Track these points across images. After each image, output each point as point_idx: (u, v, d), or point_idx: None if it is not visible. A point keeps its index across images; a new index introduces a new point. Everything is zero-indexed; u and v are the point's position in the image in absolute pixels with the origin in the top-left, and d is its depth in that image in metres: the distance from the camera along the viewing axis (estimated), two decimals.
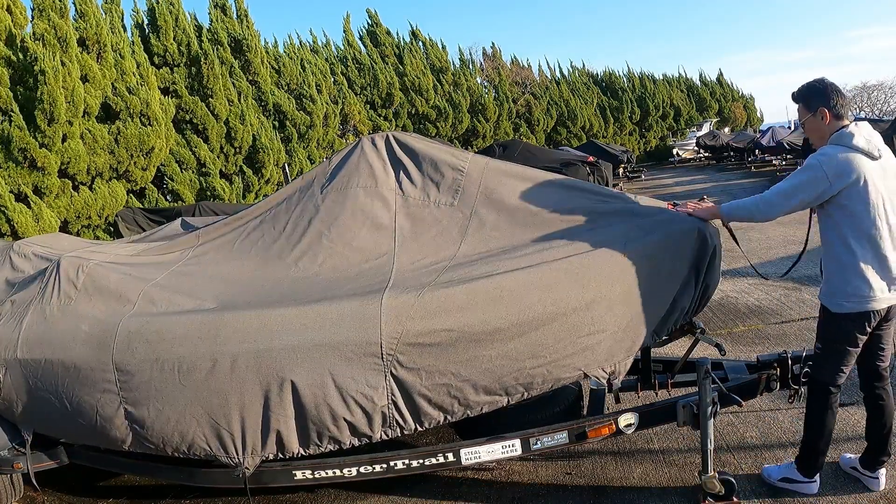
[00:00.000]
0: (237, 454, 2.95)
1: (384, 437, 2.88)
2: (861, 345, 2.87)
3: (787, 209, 2.81)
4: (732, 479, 3.07)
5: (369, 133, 7.31)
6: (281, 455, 2.95)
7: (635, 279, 2.85)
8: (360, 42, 22.08)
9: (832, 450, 3.39)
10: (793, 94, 2.99)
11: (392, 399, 2.82)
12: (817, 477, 3.07)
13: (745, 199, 2.95)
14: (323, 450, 2.94)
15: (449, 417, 2.87)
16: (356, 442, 2.92)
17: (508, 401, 2.86)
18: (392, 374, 2.79)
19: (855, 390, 3.22)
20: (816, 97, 2.86)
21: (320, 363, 2.81)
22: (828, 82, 2.89)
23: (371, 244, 3.23)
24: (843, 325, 2.82)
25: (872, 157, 2.73)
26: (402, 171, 3.50)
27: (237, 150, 12.82)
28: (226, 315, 2.93)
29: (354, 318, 2.79)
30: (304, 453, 2.95)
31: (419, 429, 2.88)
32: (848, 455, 3.25)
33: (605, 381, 2.89)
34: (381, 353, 2.77)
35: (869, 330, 2.83)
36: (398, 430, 2.87)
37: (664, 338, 3.25)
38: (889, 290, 2.77)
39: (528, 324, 2.75)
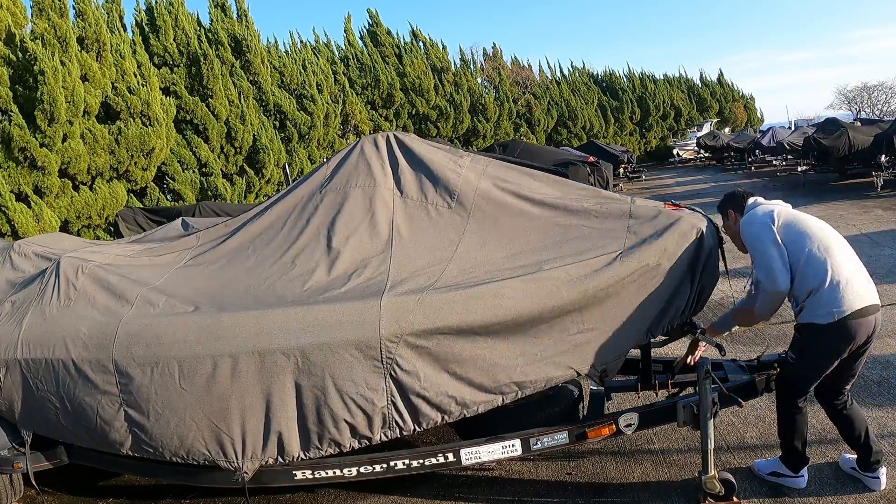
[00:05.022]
0: (237, 459, 2.95)
1: (384, 438, 2.90)
2: (841, 356, 2.87)
3: (783, 272, 2.87)
4: (732, 479, 3.07)
5: (370, 133, 7.31)
6: (281, 459, 2.95)
7: (631, 283, 2.87)
8: (360, 42, 22.09)
9: (832, 449, 3.40)
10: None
11: (392, 400, 2.84)
12: (804, 471, 3.13)
13: (757, 308, 3.06)
14: (323, 453, 2.95)
15: (447, 418, 2.88)
16: (356, 444, 2.93)
17: (503, 399, 2.89)
18: (391, 375, 2.80)
19: (855, 391, 3.20)
20: (725, 204, 3.30)
21: (320, 366, 2.82)
22: (737, 191, 3.32)
23: (368, 243, 3.24)
24: (831, 337, 2.82)
25: (774, 202, 3.12)
26: (400, 172, 3.50)
27: (237, 150, 12.82)
28: (224, 317, 2.93)
29: (354, 320, 2.80)
30: (304, 457, 2.95)
31: (418, 429, 2.89)
32: (847, 455, 3.25)
33: (597, 379, 2.92)
34: (381, 356, 2.78)
35: (855, 338, 2.82)
36: (397, 430, 2.88)
37: (662, 337, 3.25)
38: (863, 288, 2.83)
39: (525, 327, 2.81)
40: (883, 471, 3.06)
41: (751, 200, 3.18)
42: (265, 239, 3.46)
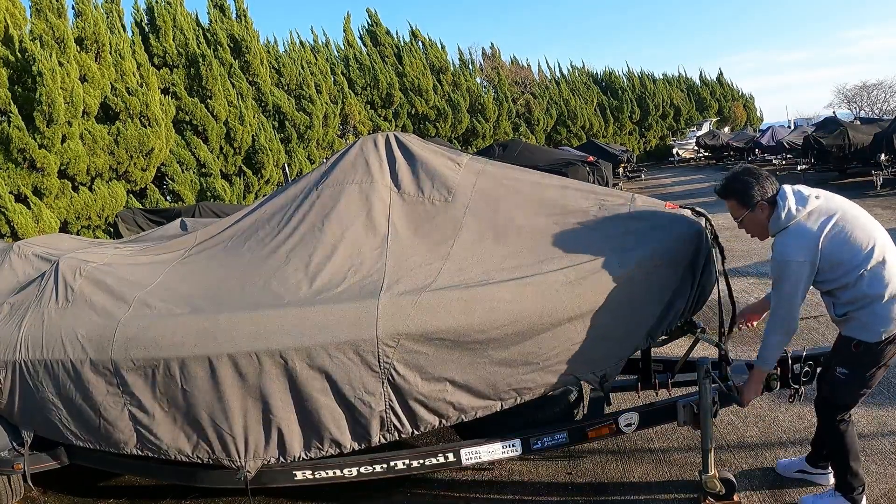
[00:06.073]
0: (239, 457, 2.96)
1: (382, 440, 2.90)
2: (890, 363, 2.74)
3: (796, 312, 2.68)
4: (733, 479, 3.07)
5: (369, 133, 7.31)
6: (283, 459, 2.95)
7: (630, 286, 2.85)
8: (360, 42, 22.09)
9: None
10: (724, 192, 2.88)
11: (390, 404, 2.84)
12: (863, 492, 2.89)
13: (768, 344, 2.79)
14: (324, 453, 2.95)
15: (444, 422, 2.89)
16: (356, 446, 2.93)
17: (502, 405, 2.88)
18: (389, 380, 2.80)
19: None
20: (753, 191, 2.77)
21: (319, 369, 2.82)
22: (755, 172, 2.82)
23: (364, 239, 3.22)
24: (881, 350, 2.69)
25: (814, 206, 2.69)
26: (398, 169, 3.48)
27: (237, 150, 12.81)
28: (221, 319, 2.92)
29: (351, 322, 2.79)
30: (305, 456, 2.96)
31: (416, 433, 2.90)
32: (787, 460, 3.25)
33: (597, 385, 2.90)
34: (378, 360, 2.77)
35: None
36: (396, 434, 2.88)
37: (662, 338, 3.25)
38: None
39: (523, 333, 2.77)
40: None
41: (785, 203, 2.70)
42: (262, 235, 3.44)
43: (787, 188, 2.78)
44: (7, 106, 8.32)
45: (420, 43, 23.92)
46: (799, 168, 16.83)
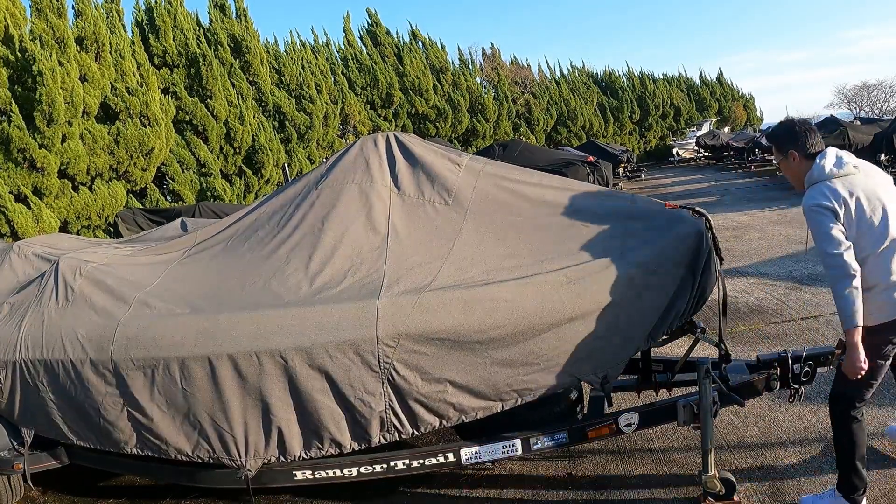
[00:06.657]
0: (240, 457, 2.96)
1: (382, 441, 2.91)
2: (891, 356, 2.77)
3: (844, 252, 2.62)
4: (733, 479, 3.07)
5: (369, 133, 7.32)
6: (283, 458, 2.96)
7: (631, 286, 2.85)
8: (360, 42, 22.09)
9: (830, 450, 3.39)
10: (766, 135, 2.96)
11: (389, 405, 2.84)
12: (864, 493, 2.88)
13: (836, 300, 2.69)
14: (324, 453, 2.95)
15: (445, 422, 2.89)
16: (356, 446, 2.93)
17: (503, 406, 2.88)
18: (389, 380, 2.80)
19: None
20: (787, 140, 2.90)
21: (318, 368, 2.82)
22: (798, 124, 2.93)
23: (364, 239, 3.22)
24: (879, 337, 2.69)
25: (849, 174, 2.72)
26: (398, 169, 3.48)
27: (237, 150, 12.82)
28: (221, 319, 2.93)
29: (351, 322, 2.79)
30: (305, 456, 2.96)
31: (416, 433, 2.90)
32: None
33: (598, 386, 2.90)
34: (378, 360, 2.77)
35: None
36: (396, 434, 2.88)
37: (662, 338, 3.25)
38: None
39: (524, 333, 2.77)
40: None
41: (822, 161, 2.75)
42: (261, 235, 3.45)
43: (832, 150, 2.83)
44: (7, 106, 8.32)
45: (420, 43, 23.92)
46: None
